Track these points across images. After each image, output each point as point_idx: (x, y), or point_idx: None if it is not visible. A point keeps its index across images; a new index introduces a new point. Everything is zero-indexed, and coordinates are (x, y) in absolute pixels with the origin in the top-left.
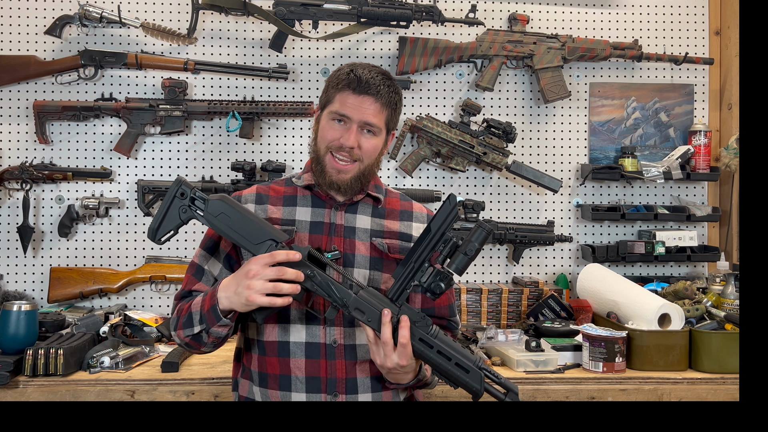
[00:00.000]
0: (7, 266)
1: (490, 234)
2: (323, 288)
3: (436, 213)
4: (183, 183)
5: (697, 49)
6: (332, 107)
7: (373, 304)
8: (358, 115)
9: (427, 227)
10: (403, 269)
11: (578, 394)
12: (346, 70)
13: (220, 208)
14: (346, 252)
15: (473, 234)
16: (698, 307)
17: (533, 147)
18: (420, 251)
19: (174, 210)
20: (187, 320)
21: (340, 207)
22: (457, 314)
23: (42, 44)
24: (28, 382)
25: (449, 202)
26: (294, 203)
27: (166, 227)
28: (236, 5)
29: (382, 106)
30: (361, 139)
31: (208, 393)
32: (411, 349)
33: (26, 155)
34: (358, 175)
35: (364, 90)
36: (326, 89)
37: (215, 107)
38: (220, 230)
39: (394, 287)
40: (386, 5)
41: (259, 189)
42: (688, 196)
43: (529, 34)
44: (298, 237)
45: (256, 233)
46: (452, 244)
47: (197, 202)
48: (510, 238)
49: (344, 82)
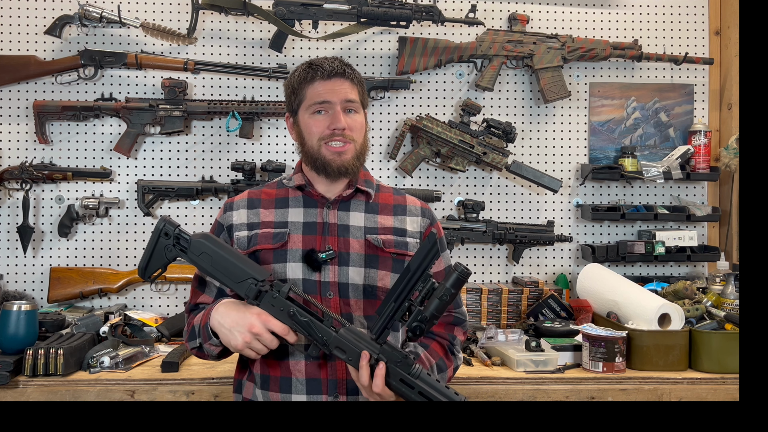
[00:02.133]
0: (7, 266)
1: (467, 277)
2: (304, 327)
3: (416, 252)
4: (167, 222)
5: (697, 49)
6: (308, 102)
7: (353, 344)
8: (337, 96)
9: (407, 266)
10: (384, 307)
11: (578, 394)
12: (303, 66)
13: (201, 247)
14: (341, 251)
15: (447, 278)
16: (698, 307)
17: (533, 147)
18: (400, 289)
19: (160, 249)
20: (191, 333)
21: (332, 206)
22: (462, 305)
23: (42, 44)
24: (28, 382)
25: (428, 240)
26: (286, 205)
27: (154, 266)
28: (236, 5)
29: (352, 84)
30: (348, 119)
31: (208, 393)
32: (387, 393)
33: (26, 155)
34: (356, 154)
35: (331, 74)
36: (292, 92)
37: (215, 107)
38: (203, 269)
39: (377, 325)
40: (386, 5)
41: (250, 194)
42: (688, 196)
43: (529, 34)
44: (291, 238)
45: (237, 272)
46: (429, 285)
47: (181, 241)
48: (510, 238)
49: (309, 75)
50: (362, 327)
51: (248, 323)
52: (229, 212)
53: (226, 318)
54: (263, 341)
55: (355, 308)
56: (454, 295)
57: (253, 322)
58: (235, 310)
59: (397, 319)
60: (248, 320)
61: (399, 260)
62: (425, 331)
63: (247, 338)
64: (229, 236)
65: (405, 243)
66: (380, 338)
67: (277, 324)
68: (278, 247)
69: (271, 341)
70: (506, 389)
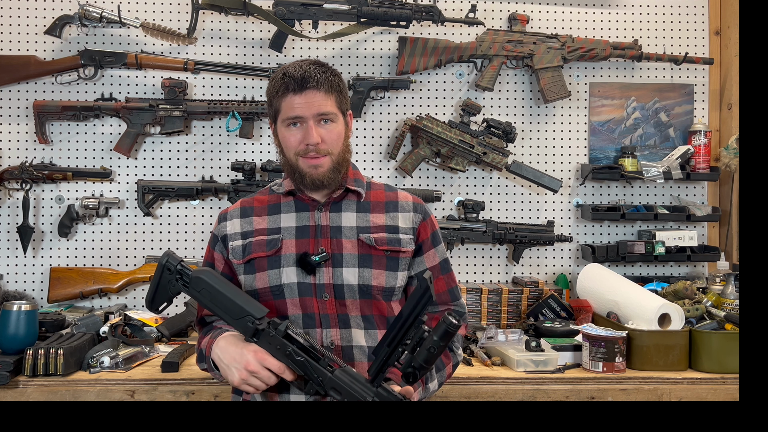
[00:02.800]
0: (7, 266)
1: (455, 330)
2: (300, 366)
3: (409, 297)
4: (170, 257)
5: (697, 49)
6: (282, 115)
7: (349, 386)
8: (309, 111)
9: (400, 312)
10: (380, 350)
11: (578, 394)
12: (279, 75)
13: (202, 284)
14: (334, 252)
15: (437, 330)
16: (698, 307)
17: (533, 147)
18: (392, 335)
19: (164, 283)
20: (200, 355)
21: (323, 208)
22: (460, 297)
23: (42, 44)
24: (28, 382)
25: (420, 285)
26: (278, 211)
27: (160, 299)
28: (236, 5)
29: (326, 93)
30: (321, 132)
31: (208, 393)
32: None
33: (26, 155)
34: (333, 166)
35: (303, 86)
36: (270, 102)
37: (215, 107)
38: (204, 304)
39: (373, 367)
40: (386, 5)
41: (243, 203)
42: (688, 196)
43: (529, 34)
44: (284, 244)
45: (235, 310)
46: (421, 332)
47: (184, 276)
48: (510, 238)
49: (282, 87)
50: (360, 328)
51: (244, 361)
52: (222, 223)
53: (225, 354)
54: (261, 378)
55: (351, 309)
56: (443, 348)
57: (249, 360)
58: (234, 346)
59: (391, 364)
60: (245, 358)
61: (393, 258)
62: (418, 378)
63: (244, 375)
64: (224, 246)
65: (398, 240)
66: (375, 381)
67: (273, 362)
68: (272, 253)
69: (268, 378)
70: (506, 389)
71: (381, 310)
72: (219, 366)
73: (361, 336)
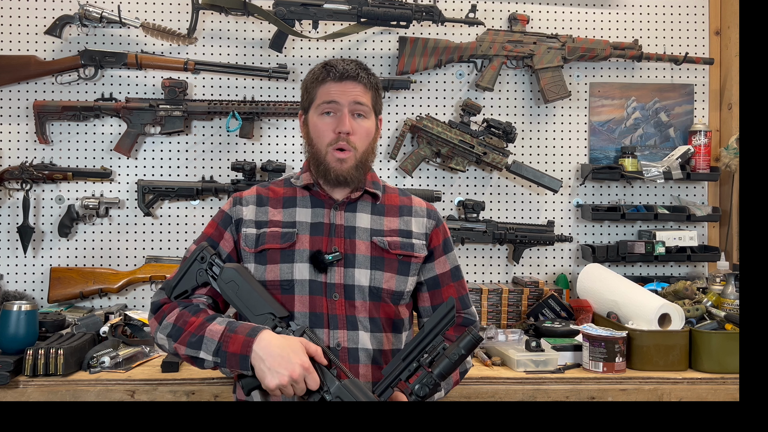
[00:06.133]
0: (7, 266)
1: (479, 342)
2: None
3: (433, 314)
4: (205, 249)
5: (697, 49)
6: (317, 101)
7: (355, 397)
8: (346, 98)
9: (422, 326)
10: (392, 367)
11: (578, 394)
12: (320, 65)
13: (231, 276)
14: (347, 252)
15: (461, 340)
16: (698, 307)
17: (533, 147)
18: (411, 348)
19: (192, 272)
20: (195, 342)
21: (339, 206)
22: (471, 306)
23: (42, 44)
24: (28, 382)
25: (446, 305)
26: (294, 204)
27: (183, 287)
28: (236, 5)
29: (365, 88)
30: (353, 123)
31: (208, 393)
32: None
33: (26, 155)
34: (357, 163)
35: (344, 77)
36: (306, 90)
37: (215, 107)
38: (227, 296)
39: (382, 383)
40: (386, 5)
41: (258, 190)
42: (688, 196)
43: (529, 34)
44: (299, 239)
45: (258, 306)
46: (440, 347)
47: (214, 268)
48: (510, 238)
49: (322, 75)
50: (366, 330)
51: (290, 369)
52: (239, 206)
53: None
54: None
55: (360, 310)
56: (464, 357)
57: (294, 369)
58: (284, 351)
59: (403, 378)
60: (299, 367)
61: (405, 262)
62: (429, 396)
63: (284, 381)
64: (236, 230)
65: (411, 244)
66: (382, 396)
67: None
68: (286, 247)
69: (301, 390)
70: (506, 389)
71: (388, 313)
72: (256, 366)
73: (367, 338)
